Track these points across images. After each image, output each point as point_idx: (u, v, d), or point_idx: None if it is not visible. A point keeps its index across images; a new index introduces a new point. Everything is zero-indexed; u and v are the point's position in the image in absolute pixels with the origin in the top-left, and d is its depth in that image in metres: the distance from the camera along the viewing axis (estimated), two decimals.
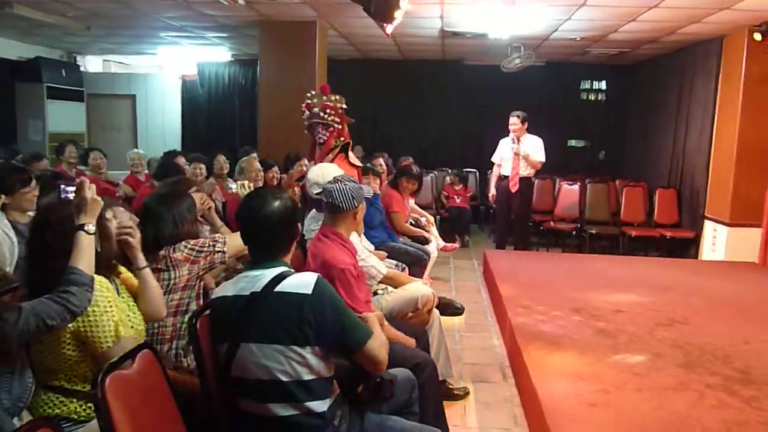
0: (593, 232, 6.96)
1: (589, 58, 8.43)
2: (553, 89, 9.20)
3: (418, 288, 3.07)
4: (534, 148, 6.40)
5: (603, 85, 9.36)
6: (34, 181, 3.08)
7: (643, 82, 8.66)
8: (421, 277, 4.27)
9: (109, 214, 2.01)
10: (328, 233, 2.67)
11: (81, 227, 1.77)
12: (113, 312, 1.78)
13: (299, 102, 6.38)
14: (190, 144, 9.98)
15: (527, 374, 3.16)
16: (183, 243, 2.38)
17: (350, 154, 4.22)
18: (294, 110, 6.37)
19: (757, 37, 5.63)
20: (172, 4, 5.79)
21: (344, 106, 4.18)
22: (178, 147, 10.10)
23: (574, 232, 7.16)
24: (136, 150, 6.20)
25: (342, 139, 4.12)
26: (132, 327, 1.88)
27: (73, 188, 1.90)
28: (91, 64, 10.67)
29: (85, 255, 1.74)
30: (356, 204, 2.63)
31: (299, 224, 1.95)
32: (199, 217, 2.85)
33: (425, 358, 2.41)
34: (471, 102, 9.32)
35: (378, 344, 1.77)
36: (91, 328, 1.73)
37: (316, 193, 3.24)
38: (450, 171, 8.77)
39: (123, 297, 1.97)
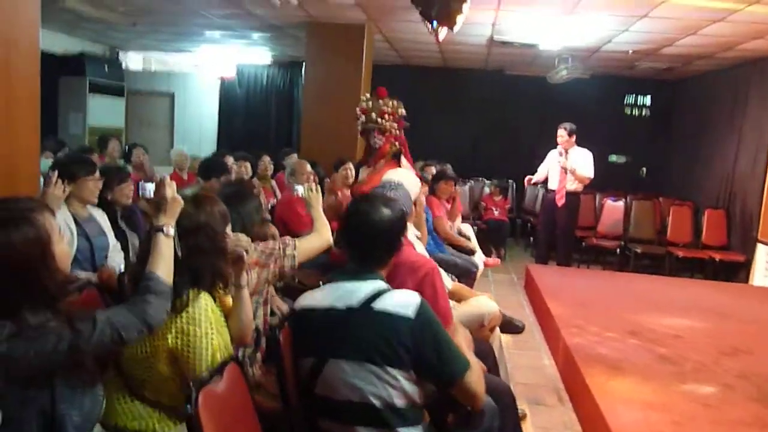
0: (638, 250, 6.75)
1: (635, 72, 8.24)
2: (596, 102, 8.99)
3: (484, 304, 2.94)
4: (582, 162, 6.22)
5: (647, 100, 9.14)
6: (98, 172, 3.02)
7: (690, 98, 8.43)
8: None
9: (228, 229, 1.89)
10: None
11: (160, 228, 1.62)
12: (214, 337, 1.66)
13: (345, 106, 6.36)
14: (226, 144, 9.98)
15: (591, 400, 2.99)
16: (253, 245, 2.26)
17: (403, 160, 4.10)
18: (339, 114, 6.35)
19: None
20: (220, 2, 5.76)
21: (402, 111, 4.07)
22: (213, 147, 10.14)
23: (617, 250, 6.94)
24: (179, 147, 6.18)
25: (397, 144, 4.00)
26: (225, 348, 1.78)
27: (152, 185, 1.81)
28: (132, 60, 10.74)
29: (164, 259, 1.60)
30: (410, 205, 2.52)
31: (405, 236, 1.84)
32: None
33: (504, 386, 2.27)
34: (510, 112, 9.18)
35: (476, 377, 1.64)
36: (189, 350, 1.61)
37: None
38: (488, 181, 8.63)
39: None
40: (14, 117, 1.82)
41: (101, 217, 3.16)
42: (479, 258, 5.01)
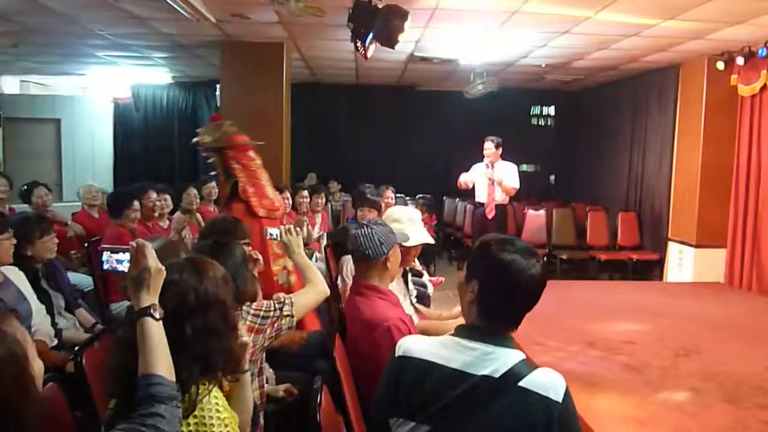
0: (563, 257, 6.96)
1: (542, 84, 8.58)
2: (505, 114, 9.25)
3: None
4: (508, 173, 6.32)
5: (552, 110, 9.56)
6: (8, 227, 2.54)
7: (591, 107, 8.92)
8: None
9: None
10: (361, 288, 2.34)
11: (147, 312, 1.29)
12: (225, 421, 1.36)
13: (267, 127, 6.04)
14: (124, 173, 9.20)
15: (583, 423, 2.93)
16: (244, 308, 1.94)
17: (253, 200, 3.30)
18: (261, 136, 5.97)
19: (720, 66, 5.86)
20: (125, 20, 5.24)
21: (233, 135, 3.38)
22: (110, 176, 9.31)
23: (544, 258, 7.12)
24: (91, 182, 5.53)
25: (232, 178, 3.28)
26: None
27: (125, 256, 1.43)
28: (7, 84, 9.63)
29: (161, 352, 1.27)
30: (385, 250, 2.31)
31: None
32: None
33: None
34: (423, 128, 9.23)
35: None
36: None
37: None
38: (407, 198, 8.58)
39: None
40: None
41: (18, 279, 2.67)
42: (426, 278, 4.88)
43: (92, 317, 3.13)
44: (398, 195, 8.71)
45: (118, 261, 1.50)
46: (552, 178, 9.64)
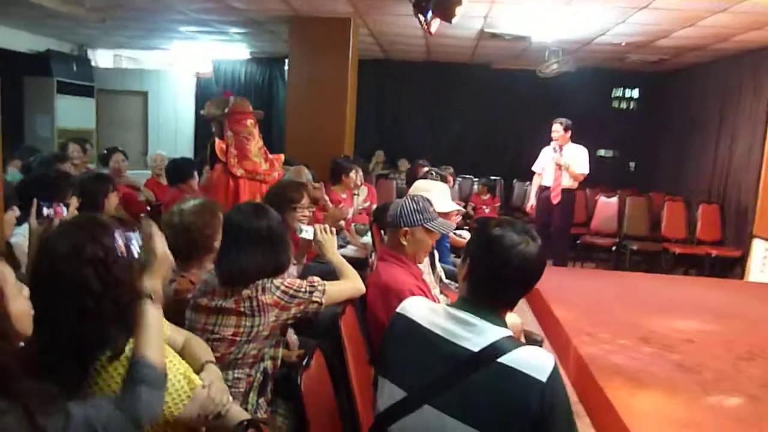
0: (633, 248, 6.61)
1: (624, 65, 8.10)
2: (583, 96, 8.78)
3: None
4: (577, 158, 6.05)
5: (635, 93, 9.02)
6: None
7: (679, 91, 8.33)
8: None
9: None
10: (384, 255, 2.35)
11: (148, 295, 1.32)
12: (174, 362, 1.38)
13: (332, 103, 6.10)
14: (205, 143, 9.60)
15: (616, 418, 2.79)
16: (275, 282, 1.92)
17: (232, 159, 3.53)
18: (326, 111, 6.08)
19: None
20: None
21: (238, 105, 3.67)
22: (191, 147, 9.75)
23: (613, 248, 6.80)
24: (159, 151, 5.83)
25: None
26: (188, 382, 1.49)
27: (137, 237, 1.41)
28: (102, 58, 10.27)
29: (152, 335, 1.29)
30: (402, 224, 2.26)
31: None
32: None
33: None
34: (495, 107, 8.98)
35: None
36: None
37: None
38: (475, 179, 8.44)
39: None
40: None
41: None
42: None
43: None
44: (466, 176, 8.61)
45: (134, 244, 1.53)
46: (632, 165, 9.12)
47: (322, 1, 5.33)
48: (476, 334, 1.34)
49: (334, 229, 2.42)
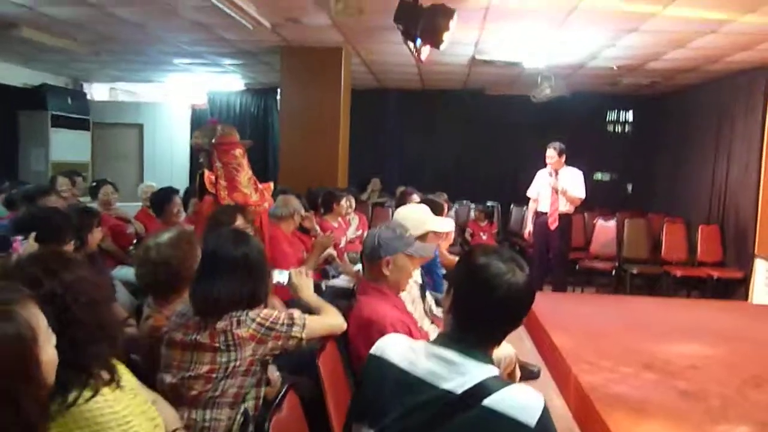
0: (634, 271, 6.51)
1: (617, 89, 8.11)
2: (579, 120, 8.83)
3: (499, 348, 2.59)
4: (573, 182, 5.99)
5: (629, 116, 9.03)
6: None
7: (674, 113, 8.32)
8: None
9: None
10: (365, 287, 2.28)
11: None
12: (133, 426, 1.31)
13: (324, 132, 6.08)
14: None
15: None
16: (251, 314, 1.84)
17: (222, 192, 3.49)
18: (318, 140, 6.06)
19: None
20: (190, 28, 5.45)
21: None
22: (186, 177, 9.71)
23: (613, 272, 6.70)
24: (149, 182, 5.78)
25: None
26: (154, 424, 1.41)
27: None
28: (98, 91, 10.33)
29: None
30: (382, 254, 2.19)
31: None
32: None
33: None
34: (491, 133, 8.99)
35: None
36: None
37: None
38: (472, 205, 8.38)
39: (126, 387, 1.44)
40: None
41: None
42: None
43: (125, 311, 3.20)
44: (463, 202, 8.55)
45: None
46: (629, 187, 9.09)
47: (312, 31, 5.34)
48: (459, 374, 1.24)
49: (309, 272, 2.36)
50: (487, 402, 1.19)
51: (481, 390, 1.21)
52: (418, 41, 4.29)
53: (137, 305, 2.85)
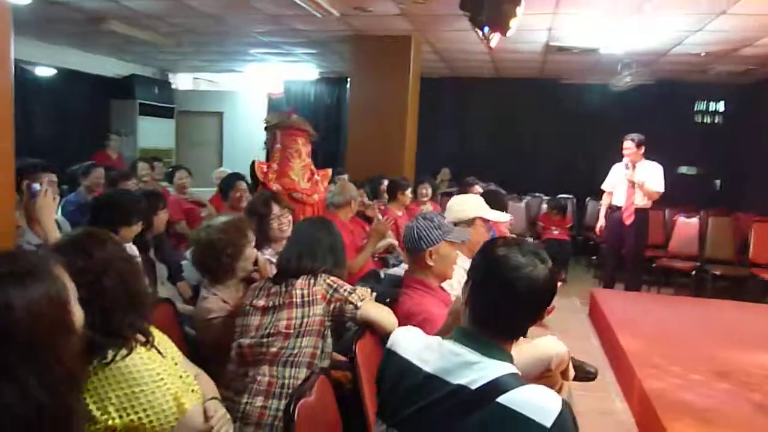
0: (716, 273, 6.09)
1: (707, 77, 7.57)
2: (663, 110, 8.32)
3: (550, 345, 2.49)
4: (651, 175, 5.66)
5: (721, 106, 8.41)
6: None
7: None
8: None
9: None
10: (408, 281, 2.26)
11: None
12: (167, 383, 1.39)
13: (392, 121, 6.08)
14: None
15: None
16: (324, 276, 2.04)
17: (270, 175, 3.65)
18: (386, 130, 6.06)
19: None
20: (262, 19, 5.58)
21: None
22: None
23: (693, 272, 6.30)
24: (222, 168, 6.00)
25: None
26: (190, 390, 1.47)
27: None
28: (182, 81, 10.83)
29: None
30: (423, 246, 2.16)
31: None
32: None
33: None
34: (567, 123, 8.63)
35: None
36: (146, 413, 1.32)
37: None
38: (545, 197, 8.13)
39: (167, 356, 1.55)
40: None
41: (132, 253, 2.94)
42: None
43: (191, 290, 3.34)
44: (536, 195, 8.32)
45: None
46: (717, 183, 8.48)
47: (380, 19, 5.33)
48: (475, 371, 1.20)
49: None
50: (502, 399, 1.15)
51: (497, 386, 1.16)
52: (486, 29, 4.20)
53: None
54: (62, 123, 8.53)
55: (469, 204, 2.91)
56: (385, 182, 5.30)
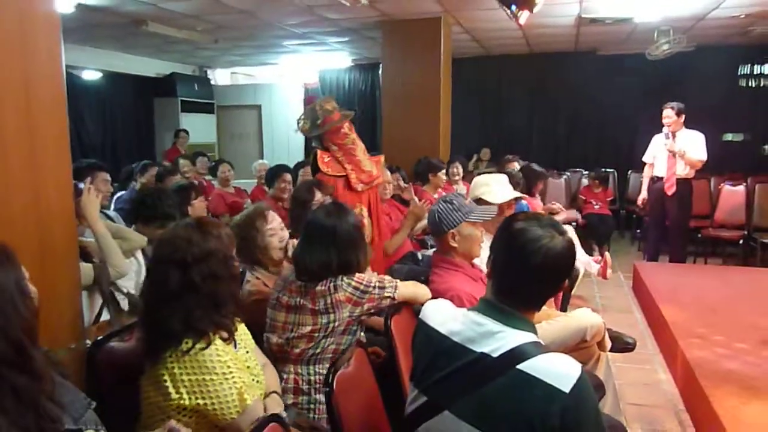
0: (765, 241, 5.94)
1: (750, 39, 7.30)
2: (704, 76, 8.04)
3: (585, 316, 2.56)
4: (693, 144, 5.54)
5: (766, 69, 8.09)
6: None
7: None
8: None
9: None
10: (437, 261, 2.35)
11: None
12: (234, 377, 1.50)
13: (425, 104, 6.13)
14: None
15: (722, 430, 2.54)
16: (346, 279, 2.00)
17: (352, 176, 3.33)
18: (419, 113, 6.11)
19: None
20: (293, 11, 5.69)
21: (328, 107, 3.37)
22: (302, 155, 10.21)
23: (740, 241, 6.16)
24: (261, 161, 6.19)
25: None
26: (255, 380, 1.60)
27: None
28: (221, 76, 11.10)
29: None
30: (444, 228, 2.24)
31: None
32: None
33: (615, 423, 1.92)
34: (606, 95, 8.44)
35: None
36: (212, 401, 1.46)
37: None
38: (585, 172, 8.03)
39: (241, 346, 1.68)
40: (38, 147, 1.74)
41: None
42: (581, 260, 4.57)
43: None
44: (575, 170, 8.23)
45: None
46: (765, 148, 8.19)
47: (409, 3, 5.36)
48: (497, 339, 1.28)
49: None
50: (522, 366, 1.22)
51: (517, 354, 1.24)
52: (513, 6, 4.20)
53: None
54: (109, 123, 8.92)
55: (480, 183, 3.00)
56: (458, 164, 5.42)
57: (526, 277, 1.32)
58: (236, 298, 1.66)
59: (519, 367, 1.23)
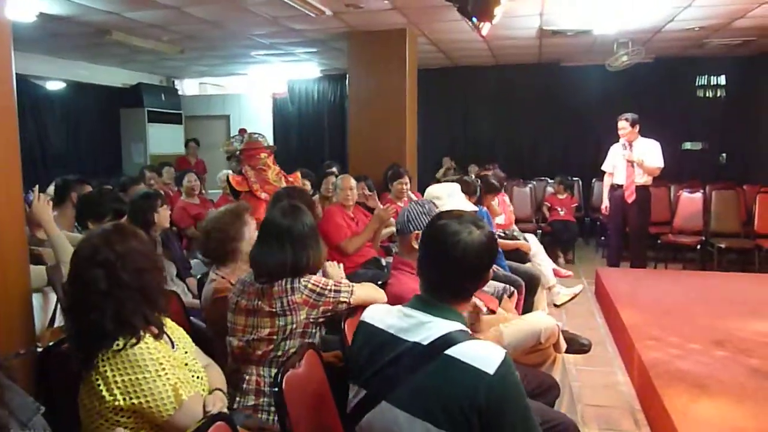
0: (722, 246, 6.13)
1: (706, 51, 7.57)
2: (664, 87, 8.32)
3: (539, 319, 2.63)
4: (650, 152, 5.72)
5: (722, 79, 8.38)
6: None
7: None
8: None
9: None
10: (396, 263, 2.42)
11: None
12: (168, 374, 1.50)
13: (391, 114, 6.19)
14: (282, 161, 9.97)
15: (671, 427, 2.62)
16: (303, 281, 2.01)
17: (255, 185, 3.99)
18: (385, 123, 6.18)
19: None
20: (260, 22, 5.72)
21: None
22: None
23: (698, 246, 6.35)
24: (225, 171, 6.16)
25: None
26: (195, 377, 1.61)
27: None
28: (189, 87, 11.03)
29: None
30: (410, 228, 2.33)
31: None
32: None
33: (567, 423, 1.97)
34: (569, 106, 8.65)
35: None
36: (146, 399, 1.46)
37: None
38: (550, 180, 8.19)
39: (179, 346, 1.69)
40: None
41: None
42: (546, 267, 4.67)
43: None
44: (541, 178, 8.38)
45: None
46: (723, 157, 8.47)
47: (374, 15, 5.43)
48: (427, 329, 1.36)
49: (341, 264, 2.48)
50: (450, 351, 1.30)
51: (446, 341, 1.32)
52: (474, 19, 4.30)
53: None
54: (74, 134, 8.79)
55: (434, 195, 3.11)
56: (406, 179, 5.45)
57: (449, 270, 1.40)
58: (164, 290, 1.68)
59: (447, 352, 1.30)
